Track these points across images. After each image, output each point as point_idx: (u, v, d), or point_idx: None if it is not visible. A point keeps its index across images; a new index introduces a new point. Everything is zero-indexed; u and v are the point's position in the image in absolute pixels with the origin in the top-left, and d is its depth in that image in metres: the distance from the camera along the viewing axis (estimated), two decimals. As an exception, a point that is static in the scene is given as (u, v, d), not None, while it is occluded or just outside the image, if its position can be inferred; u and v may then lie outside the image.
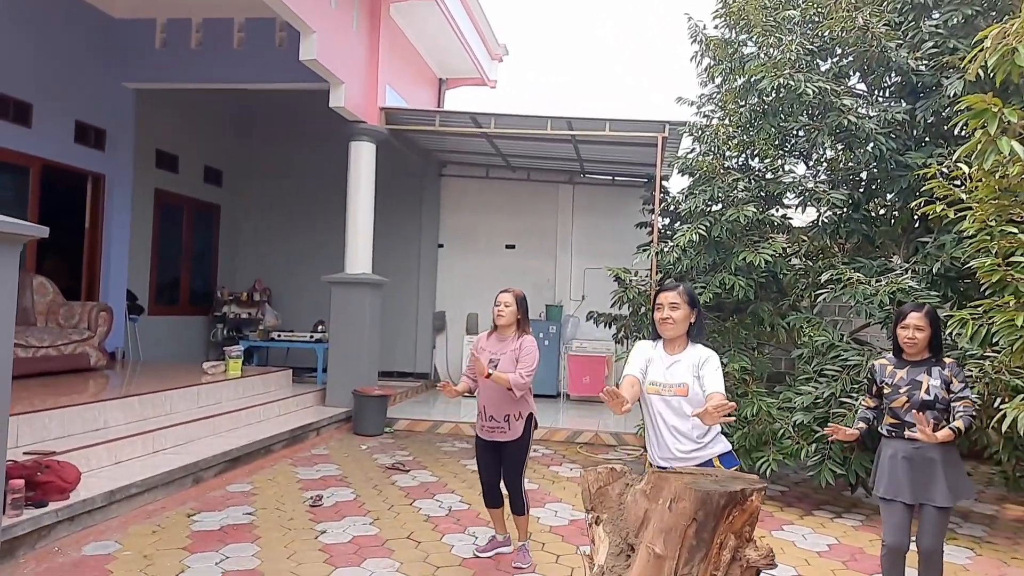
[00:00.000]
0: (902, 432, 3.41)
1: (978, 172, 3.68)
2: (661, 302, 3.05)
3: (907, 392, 3.40)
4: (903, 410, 3.40)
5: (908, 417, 3.38)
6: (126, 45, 8.94)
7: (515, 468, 4.15)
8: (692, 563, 1.93)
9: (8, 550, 3.80)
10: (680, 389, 2.97)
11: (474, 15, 10.83)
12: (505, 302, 4.13)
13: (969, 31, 5.78)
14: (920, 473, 3.34)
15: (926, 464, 3.35)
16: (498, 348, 4.12)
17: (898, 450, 3.42)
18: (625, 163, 10.28)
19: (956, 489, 3.35)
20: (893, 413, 3.44)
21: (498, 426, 4.08)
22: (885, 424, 3.51)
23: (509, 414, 4.07)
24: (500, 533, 4.38)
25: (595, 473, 2.26)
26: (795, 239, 6.82)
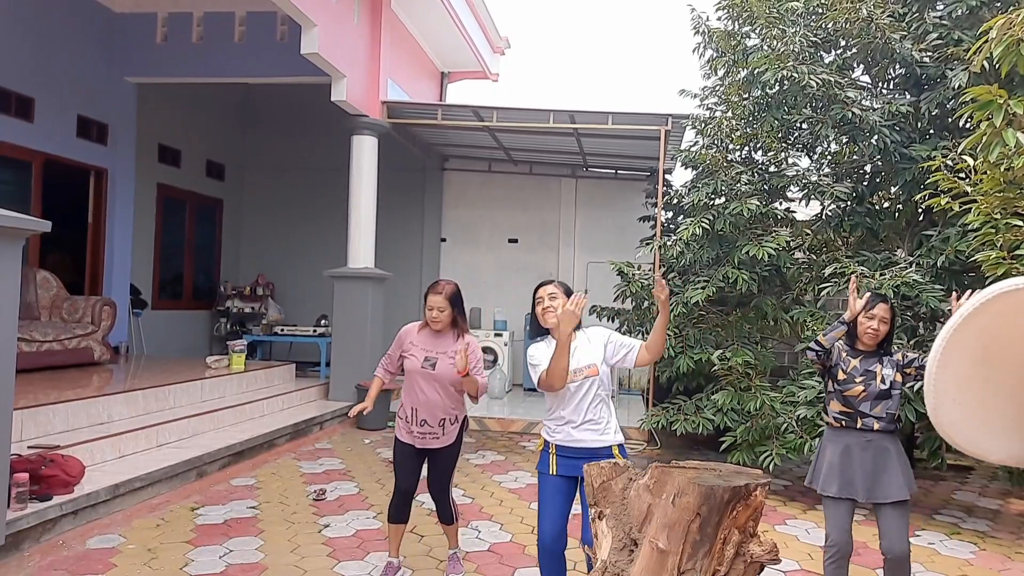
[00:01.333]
0: (854, 422, 3.31)
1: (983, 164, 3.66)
2: (541, 296, 3.17)
3: (863, 382, 3.31)
4: (858, 400, 3.31)
5: (862, 407, 3.30)
6: (127, 39, 8.92)
7: (446, 476, 3.79)
8: (696, 558, 1.93)
9: (13, 544, 3.82)
10: (591, 371, 3.07)
11: (476, 8, 10.79)
12: (438, 307, 3.62)
13: (974, 22, 5.74)
14: (874, 467, 3.25)
15: (880, 456, 3.26)
16: (435, 346, 3.68)
17: (851, 444, 3.31)
18: (628, 156, 10.25)
19: (908, 481, 3.26)
20: (847, 402, 3.34)
21: (431, 431, 3.67)
22: (833, 411, 3.39)
23: (446, 418, 3.68)
24: (395, 556, 3.87)
25: (598, 467, 2.26)
26: (799, 233, 6.80)
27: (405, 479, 3.77)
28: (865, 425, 3.30)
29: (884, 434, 3.28)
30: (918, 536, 4.88)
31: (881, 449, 3.27)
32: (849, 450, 3.31)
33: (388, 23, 8.85)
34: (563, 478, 3.11)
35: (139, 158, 9.49)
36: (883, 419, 3.29)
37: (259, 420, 6.99)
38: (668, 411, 6.60)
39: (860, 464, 3.27)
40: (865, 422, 3.30)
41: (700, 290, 6.22)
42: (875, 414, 3.29)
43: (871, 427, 3.29)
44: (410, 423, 3.70)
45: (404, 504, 3.81)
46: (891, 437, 3.30)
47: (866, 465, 3.26)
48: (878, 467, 3.25)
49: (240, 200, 11.99)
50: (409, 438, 3.73)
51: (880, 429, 3.28)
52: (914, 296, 5.32)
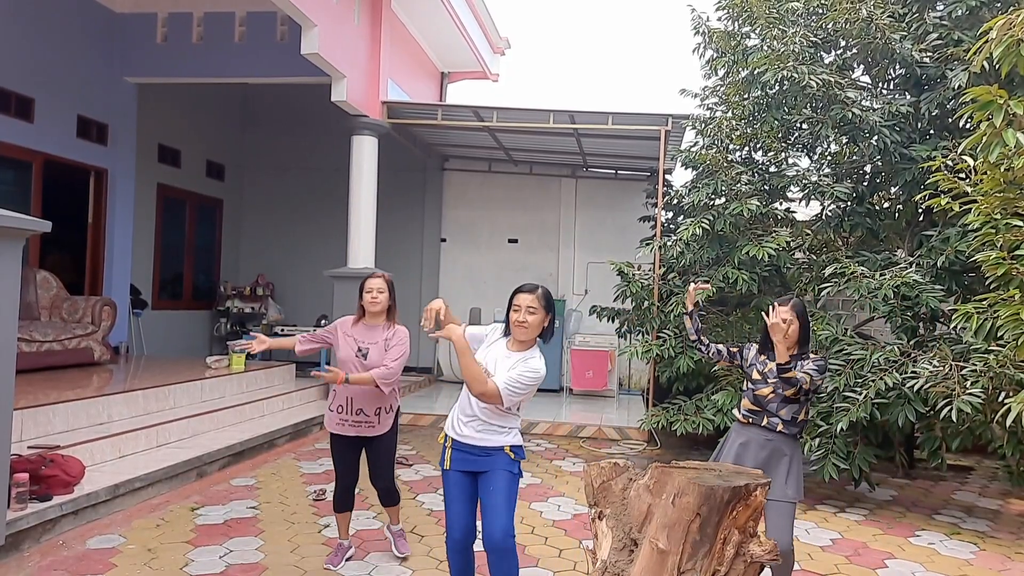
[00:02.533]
0: (760, 420, 3.42)
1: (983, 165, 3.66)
2: (519, 304, 2.96)
3: (774, 385, 3.38)
4: (766, 399, 3.40)
5: (769, 407, 3.39)
6: (127, 39, 8.93)
7: (388, 464, 3.92)
8: (696, 558, 1.93)
9: (13, 544, 3.82)
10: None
11: (476, 8, 10.80)
12: (378, 288, 3.81)
13: (974, 22, 5.74)
14: (765, 465, 3.34)
15: (775, 457, 3.37)
16: (367, 336, 3.80)
17: (751, 438, 3.42)
18: (628, 157, 10.25)
19: (796, 485, 3.35)
20: (755, 400, 3.44)
21: (367, 420, 3.78)
22: (743, 408, 3.51)
23: (380, 407, 3.80)
24: (345, 538, 4.07)
25: (598, 468, 2.26)
26: (799, 233, 6.80)
27: (347, 474, 3.93)
28: (769, 424, 3.40)
29: (785, 436, 3.38)
30: (918, 536, 4.88)
31: (777, 450, 3.38)
32: (747, 444, 3.43)
33: (388, 23, 8.85)
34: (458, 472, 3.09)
35: (139, 158, 9.49)
36: (787, 422, 3.38)
37: (259, 420, 6.99)
38: (668, 411, 6.60)
39: (753, 459, 3.37)
40: (770, 421, 3.40)
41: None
42: (780, 416, 3.38)
43: (775, 427, 3.38)
44: (343, 412, 3.80)
45: (347, 495, 3.97)
46: (791, 441, 3.40)
47: (758, 462, 3.35)
48: (769, 466, 3.35)
49: (240, 200, 11.98)
50: (343, 428, 3.83)
51: (782, 431, 3.38)
52: (914, 296, 5.32)
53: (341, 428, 3.83)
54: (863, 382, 5.11)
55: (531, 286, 3.02)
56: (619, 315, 7.89)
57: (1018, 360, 4.33)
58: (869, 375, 5.09)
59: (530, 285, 3.03)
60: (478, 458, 3.02)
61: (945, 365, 4.75)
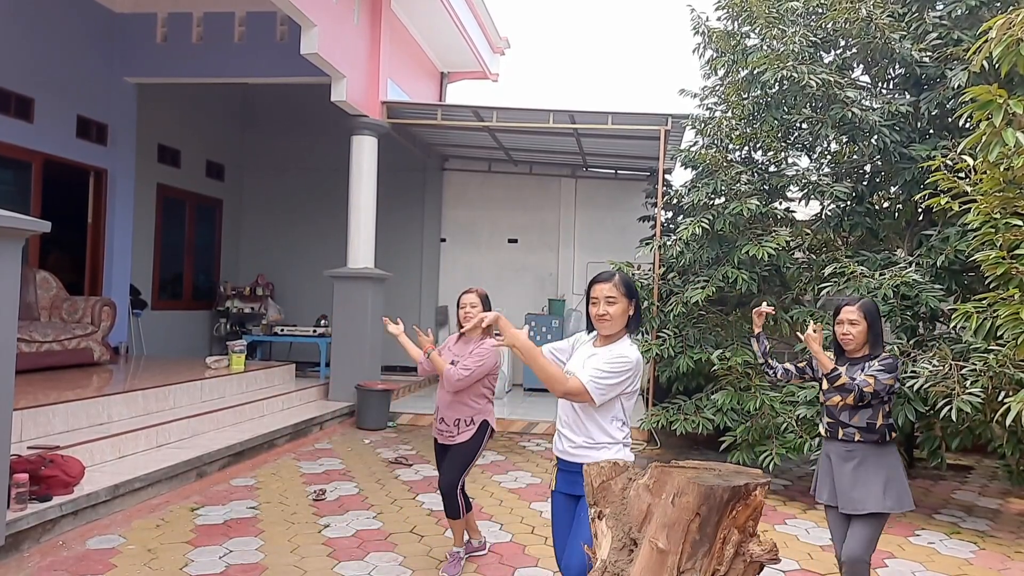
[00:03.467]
0: (836, 433, 3.25)
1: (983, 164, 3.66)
2: (596, 296, 2.66)
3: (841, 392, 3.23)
4: (837, 409, 3.25)
5: (842, 417, 3.23)
6: (127, 39, 8.93)
7: (453, 471, 3.89)
8: (695, 558, 1.93)
9: (13, 544, 3.81)
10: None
11: (475, 8, 10.80)
12: (471, 303, 3.87)
13: (973, 22, 5.74)
14: (852, 479, 3.17)
15: (859, 468, 3.17)
16: (462, 351, 3.91)
17: (833, 452, 3.27)
18: (628, 156, 10.25)
19: (896, 496, 3.13)
20: (828, 412, 3.30)
21: (446, 429, 3.88)
22: (823, 423, 3.36)
23: (460, 419, 3.85)
24: (476, 539, 4.19)
25: (598, 467, 2.26)
26: (798, 232, 6.80)
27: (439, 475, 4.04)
28: (846, 435, 3.22)
29: (867, 444, 3.18)
30: (918, 536, 4.88)
31: (863, 461, 3.18)
32: (835, 459, 3.26)
33: (388, 23, 8.85)
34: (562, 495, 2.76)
35: (139, 158, 9.48)
36: (864, 429, 3.19)
37: (259, 420, 6.99)
38: (668, 411, 6.60)
39: (839, 475, 3.22)
40: (846, 432, 3.22)
41: (700, 290, 6.22)
42: (854, 424, 3.20)
43: (852, 437, 3.21)
44: (435, 419, 4.00)
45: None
46: (875, 447, 3.19)
47: (844, 477, 3.20)
48: (856, 479, 3.17)
49: (240, 200, 11.98)
50: (434, 432, 4.02)
51: (862, 440, 3.19)
52: (914, 296, 5.32)
53: (434, 432, 4.02)
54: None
55: (607, 274, 2.71)
56: (619, 315, 7.87)
57: (1018, 359, 4.33)
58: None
59: (606, 273, 2.72)
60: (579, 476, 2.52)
61: (945, 365, 4.75)
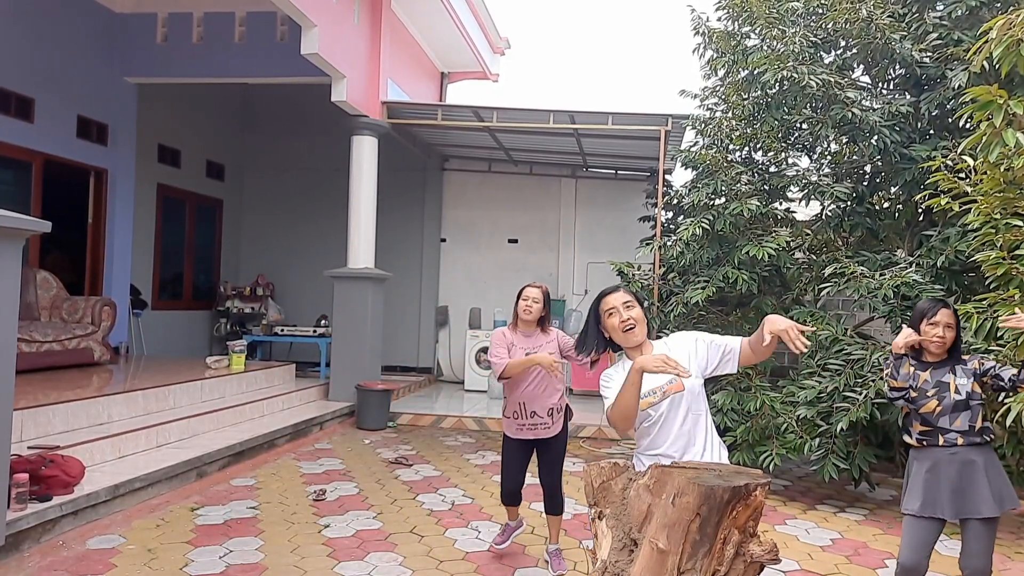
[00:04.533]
0: (936, 439, 3.14)
1: (983, 165, 3.66)
2: (614, 305, 2.63)
3: (936, 395, 3.15)
4: (934, 415, 3.14)
5: (940, 423, 3.13)
6: (127, 39, 8.93)
7: (558, 464, 3.99)
8: (695, 558, 1.93)
9: (13, 544, 3.81)
10: (672, 387, 2.56)
11: (476, 8, 10.80)
12: (533, 297, 3.98)
13: (974, 22, 5.74)
14: (961, 482, 3.07)
15: (967, 470, 3.08)
16: (529, 344, 3.94)
17: (937, 461, 3.12)
18: (628, 157, 10.25)
19: (1001, 496, 3.08)
20: (923, 419, 3.16)
21: (542, 422, 3.90)
22: (915, 433, 3.22)
23: (553, 407, 3.92)
24: (514, 519, 4.22)
25: (598, 468, 2.26)
26: (799, 233, 6.80)
27: (511, 480, 4.03)
28: (948, 441, 3.12)
29: (971, 447, 3.10)
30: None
31: (967, 462, 3.09)
32: (936, 467, 3.14)
33: (388, 23, 8.85)
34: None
35: (139, 158, 9.49)
36: (966, 432, 3.10)
37: (259, 420, 6.99)
38: (668, 411, 6.57)
39: (946, 480, 3.10)
40: (947, 438, 3.12)
41: (700, 290, 6.21)
42: (956, 428, 3.11)
43: (954, 442, 3.11)
44: (519, 418, 3.92)
45: (513, 497, 4.09)
46: (979, 449, 3.12)
47: (952, 481, 3.09)
48: (964, 482, 3.08)
49: (240, 200, 11.98)
50: (520, 432, 3.95)
51: (965, 444, 3.10)
52: (914, 296, 5.32)
53: (520, 432, 3.96)
54: (863, 382, 5.11)
55: (611, 288, 2.74)
56: (619, 315, 7.86)
57: (1018, 360, 4.33)
58: (869, 375, 5.09)
59: (610, 287, 2.76)
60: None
61: (945, 365, 4.74)
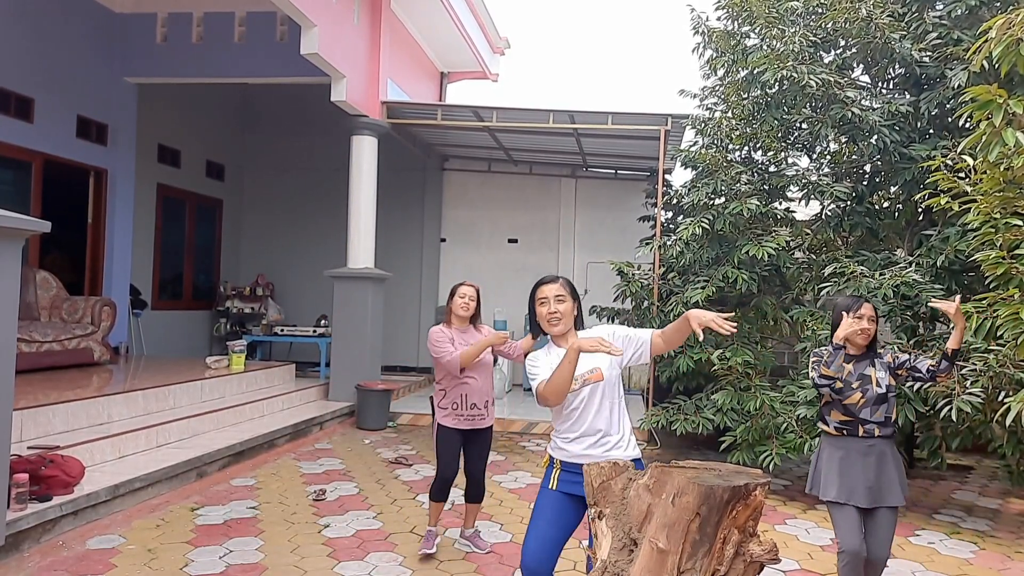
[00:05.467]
0: (856, 430, 3.27)
1: (983, 164, 3.66)
2: (546, 295, 2.80)
3: (860, 387, 3.27)
4: (858, 407, 3.27)
5: (862, 414, 3.26)
6: (127, 39, 8.93)
7: (486, 453, 4.23)
8: (695, 558, 1.93)
9: (13, 544, 3.82)
10: (593, 375, 2.70)
11: (475, 8, 10.80)
12: (470, 296, 4.18)
13: (973, 22, 5.74)
14: (876, 473, 3.22)
15: (880, 461, 3.23)
16: (466, 338, 4.14)
17: (851, 450, 3.27)
18: (628, 156, 10.25)
19: (903, 487, 3.27)
20: (846, 410, 3.29)
21: (479, 413, 4.12)
22: (833, 421, 3.34)
23: (488, 399, 4.16)
24: (434, 525, 4.27)
25: (598, 467, 2.26)
26: (798, 232, 6.80)
27: (449, 468, 4.17)
28: (867, 432, 3.25)
29: (884, 439, 3.27)
30: (918, 536, 4.88)
31: (881, 454, 3.25)
32: (850, 456, 3.26)
33: (388, 23, 8.85)
34: (564, 494, 2.75)
35: (139, 158, 9.49)
36: (883, 424, 3.26)
37: (259, 420, 6.99)
38: (668, 411, 6.59)
39: (863, 470, 3.23)
40: (867, 429, 3.26)
41: (700, 290, 6.22)
42: (875, 419, 3.25)
43: (872, 433, 3.25)
44: (459, 408, 4.10)
45: (446, 487, 4.21)
46: (889, 442, 3.29)
47: (868, 471, 3.22)
48: (880, 473, 3.22)
49: (240, 200, 11.98)
50: (459, 423, 4.11)
51: (881, 435, 3.25)
52: (914, 296, 5.32)
53: (458, 423, 4.12)
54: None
55: (551, 277, 2.87)
56: (619, 315, 7.88)
57: (1018, 359, 4.33)
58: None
59: (550, 276, 2.88)
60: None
61: (945, 365, 4.74)
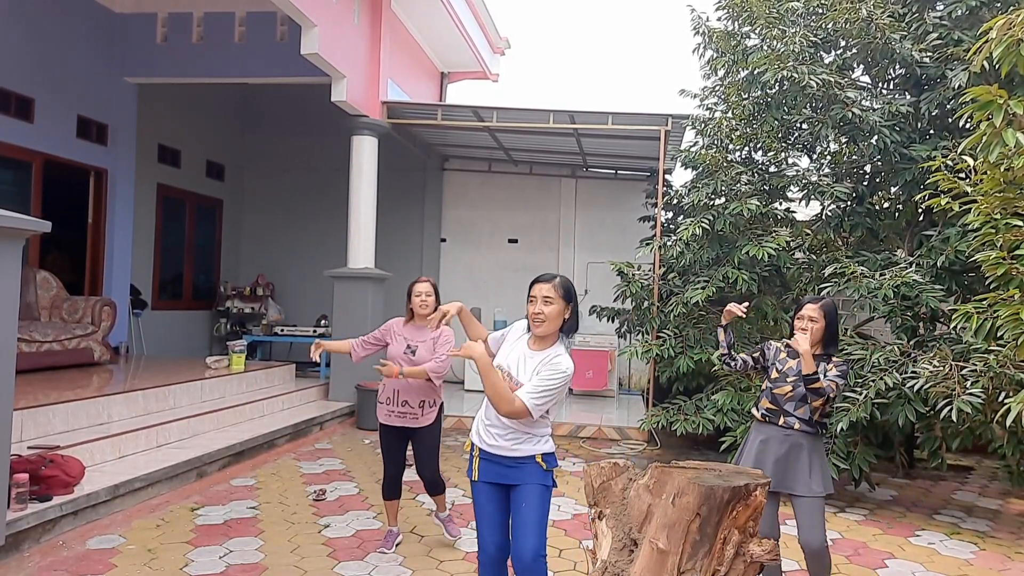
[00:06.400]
0: (777, 419, 3.45)
1: (983, 165, 3.66)
2: (535, 295, 2.78)
3: (793, 383, 3.42)
4: (784, 398, 3.43)
5: (786, 406, 3.43)
6: (127, 39, 8.92)
7: (432, 454, 4.21)
8: (695, 558, 1.93)
9: (13, 544, 3.81)
10: (515, 387, 2.73)
11: (476, 8, 10.79)
12: (426, 292, 4.15)
13: (974, 22, 5.74)
14: (786, 460, 3.38)
15: (793, 451, 3.39)
16: (416, 336, 4.14)
17: (770, 436, 3.45)
18: (628, 157, 10.25)
19: (821, 480, 3.38)
20: (773, 399, 3.47)
21: (411, 411, 4.09)
22: (761, 407, 3.53)
23: (424, 400, 4.10)
24: (394, 525, 4.32)
25: (598, 468, 2.26)
26: (799, 233, 6.80)
27: (392, 464, 4.21)
28: (786, 424, 3.43)
29: (803, 434, 3.40)
30: (918, 536, 4.88)
31: (796, 445, 3.40)
32: (767, 441, 3.45)
33: (388, 23, 8.85)
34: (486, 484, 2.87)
35: (139, 158, 9.48)
36: (805, 420, 3.40)
37: (259, 420, 6.98)
38: (668, 411, 6.60)
39: (774, 454, 3.41)
40: (787, 420, 3.43)
41: (700, 290, 6.22)
42: (797, 414, 3.41)
43: (792, 426, 3.42)
44: (391, 404, 4.12)
45: (394, 484, 4.25)
46: (810, 437, 3.42)
47: (779, 457, 3.39)
48: (789, 460, 3.39)
49: (240, 200, 11.98)
50: (389, 419, 4.13)
51: (800, 429, 3.40)
52: (914, 296, 5.32)
53: (388, 419, 4.14)
54: (863, 382, 5.11)
55: (548, 276, 2.84)
56: (619, 315, 7.88)
57: (1018, 360, 4.33)
58: (869, 375, 5.09)
59: (548, 275, 2.85)
60: (508, 469, 2.80)
61: (945, 365, 4.74)
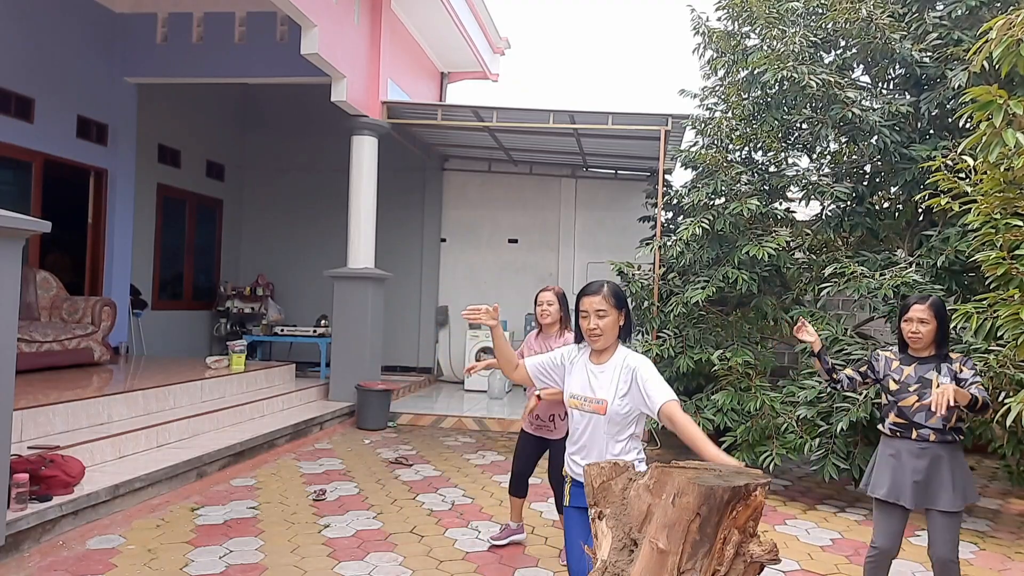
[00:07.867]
0: (909, 432, 3.23)
1: (983, 165, 3.66)
2: (586, 309, 2.65)
3: (917, 391, 3.21)
4: (912, 411, 3.21)
5: (917, 417, 3.20)
6: (127, 39, 8.93)
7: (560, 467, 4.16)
8: (695, 558, 1.92)
9: (13, 544, 3.82)
10: (598, 407, 2.64)
11: (476, 8, 10.80)
12: (547, 301, 4.13)
13: (974, 22, 5.74)
14: (926, 475, 3.17)
15: (932, 465, 3.17)
16: (545, 346, 4.09)
17: (901, 450, 3.24)
18: (628, 157, 10.25)
19: (963, 492, 3.18)
20: (900, 412, 3.25)
21: (544, 424, 4.16)
22: (889, 423, 3.30)
23: (555, 414, 4.14)
24: (515, 521, 4.41)
25: (598, 467, 2.26)
26: (799, 233, 6.80)
27: (518, 461, 4.32)
28: (920, 436, 3.20)
29: (941, 444, 3.18)
30: (918, 536, 4.88)
31: (935, 457, 3.18)
32: (900, 455, 3.24)
33: (388, 23, 8.86)
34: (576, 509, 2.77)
35: (139, 158, 9.49)
36: (939, 430, 3.17)
37: (259, 420, 6.99)
38: (668, 411, 6.57)
39: (912, 471, 3.19)
40: (920, 433, 3.20)
41: (700, 290, 6.22)
42: (930, 425, 3.18)
43: (927, 438, 3.19)
44: (530, 415, 4.21)
45: (520, 482, 4.33)
46: (948, 447, 3.20)
47: (918, 473, 3.18)
48: (930, 475, 3.17)
49: (240, 200, 11.98)
50: (528, 427, 4.25)
51: (936, 440, 3.18)
52: (914, 296, 5.32)
53: (528, 427, 4.26)
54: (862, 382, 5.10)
55: (596, 286, 2.68)
56: (619, 315, 7.85)
57: (1018, 360, 4.33)
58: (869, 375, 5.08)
59: (595, 284, 2.68)
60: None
61: (945, 365, 4.74)
